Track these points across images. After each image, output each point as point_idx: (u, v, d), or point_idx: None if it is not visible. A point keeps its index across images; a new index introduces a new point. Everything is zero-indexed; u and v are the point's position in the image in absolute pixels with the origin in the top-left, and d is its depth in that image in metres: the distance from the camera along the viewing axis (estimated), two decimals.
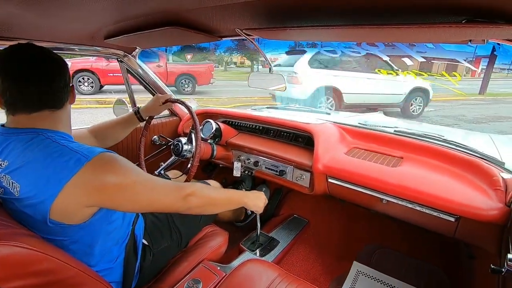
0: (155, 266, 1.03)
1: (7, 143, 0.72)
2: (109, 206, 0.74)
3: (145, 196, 0.76)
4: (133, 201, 0.75)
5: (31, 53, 0.73)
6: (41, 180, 0.66)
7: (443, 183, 1.08)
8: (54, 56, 0.77)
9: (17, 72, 0.70)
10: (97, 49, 1.46)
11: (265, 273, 0.99)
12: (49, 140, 0.71)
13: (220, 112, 1.90)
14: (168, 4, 0.76)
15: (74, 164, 0.66)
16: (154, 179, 0.81)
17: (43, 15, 0.83)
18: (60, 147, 0.70)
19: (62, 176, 0.65)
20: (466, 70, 12.20)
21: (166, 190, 0.81)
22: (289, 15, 0.83)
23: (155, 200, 0.78)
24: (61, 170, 0.66)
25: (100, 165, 0.69)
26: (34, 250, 0.60)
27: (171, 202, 0.81)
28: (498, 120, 6.80)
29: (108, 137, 1.23)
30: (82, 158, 0.67)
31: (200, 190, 0.87)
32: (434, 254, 1.49)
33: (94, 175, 0.67)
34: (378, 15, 0.73)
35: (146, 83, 1.78)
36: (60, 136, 0.75)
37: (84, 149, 0.71)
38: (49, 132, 0.74)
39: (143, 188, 0.75)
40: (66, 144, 0.71)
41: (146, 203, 0.78)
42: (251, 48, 16.72)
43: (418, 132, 1.40)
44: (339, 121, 1.62)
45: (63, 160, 0.67)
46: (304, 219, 1.83)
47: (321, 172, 1.29)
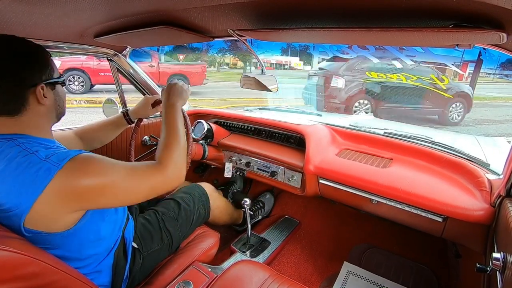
0: (145, 269, 1.02)
1: None
2: (94, 207, 0.72)
3: (127, 190, 0.73)
4: (116, 198, 0.72)
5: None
6: (12, 193, 0.63)
7: (431, 184, 1.10)
8: (13, 49, 0.68)
9: None
10: (86, 48, 1.44)
11: (256, 274, 0.99)
12: (18, 148, 0.66)
13: (212, 113, 1.89)
14: (160, 3, 0.75)
15: (44, 175, 0.62)
16: (130, 169, 0.75)
17: (29, 11, 0.81)
18: (29, 156, 0.65)
19: (34, 189, 0.62)
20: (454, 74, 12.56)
21: (145, 175, 0.77)
22: (281, 16, 0.83)
23: (140, 190, 0.75)
24: (32, 182, 0.62)
25: (72, 171, 0.64)
26: (20, 254, 0.59)
27: (155, 184, 0.78)
28: (485, 123, 6.98)
29: (95, 139, 1.19)
30: (52, 167, 0.63)
31: (171, 158, 0.82)
32: (423, 254, 1.51)
33: (67, 182, 0.64)
34: (368, 18, 0.74)
35: (137, 82, 1.76)
36: (32, 141, 0.70)
37: (54, 156, 0.65)
38: (20, 138, 0.69)
39: (123, 182, 0.72)
40: (36, 151, 0.66)
41: (132, 196, 0.75)
42: (243, 49, 16.74)
43: (407, 134, 1.43)
44: (330, 123, 1.63)
45: (32, 171, 0.63)
46: (295, 220, 1.83)
47: (312, 173, 1.30)
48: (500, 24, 0.61)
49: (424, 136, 1.40)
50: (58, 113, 0.81)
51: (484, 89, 12.08)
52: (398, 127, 1.64)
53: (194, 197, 1.26)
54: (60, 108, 0.81)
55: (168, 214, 1.13)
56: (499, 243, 0.79)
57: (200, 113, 1.91)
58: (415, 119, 6.25)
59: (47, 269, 0.63)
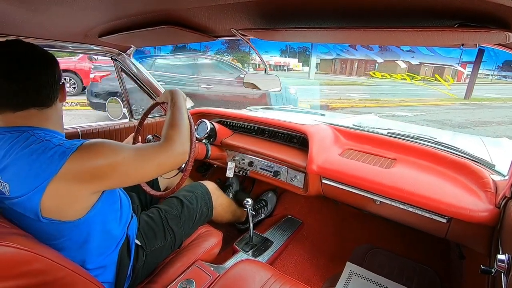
0: (148, 267, 1.03)
1: None
2: (108, 186, 0.76)
3: (137, 167, 0.77)
4: (127, 175, 0.76)
5: (15, 50, 0.72)
6: (29, 178, 0.66)
7: (435, 184, 1.10)
8: (41, 52, 0.76)
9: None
10: (90, 47, 1.45)
11: (258, 274, 0.99)
12: (33, 137, 0.71)
13: (215, 112, 1.89)
14: (163, 3, 0.75)
15: (60, 157, 0.66)
16: (139, 149, 0.80)
17: (35, 11, 0.82)
18: (43, 143, 0.69)
19: (50, 171, 0.65)
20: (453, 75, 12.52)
21: (152, 152, 0.81)
22: (284, 16, 0.83)
23: (149, 166, 0.79)
24: (48, 165, 0.66)
25: (86, 152, 0.69)
26: (26, 250, 0.59)
27: (162, 160, 0.82)
28: (482, 125, 6.85)
29: None
30: (67, 150, 0.68)
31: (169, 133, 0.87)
32: (426, 255, 1.50)
33: (82, 162, 0.68)
34: (373, 17, 0.74)
35: (140, 82, 1.77)
36: (47, 133, 0.74)
37: (67, 142, 0.71)
38: (35, 130, 0.73)
39: (133, 160, 0.76)
40: (50, 139, 0.71)
41: (142, 173, 0.79)
42: (241, 51, 16.82)
43: (411, 134, 1.42)
44: (333, 123, 1.63)
45: (48, 155, 0.67)
46: (298, 220, 1.83)
47: (315, 173, 1.30)
48: (506, 24, 0.60)
49: (428, 136, 1.39)
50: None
51: (482, 90, 11.98)
52: (402, 127, 1.63)
53: (197, 196, 1.27)
54: (62, 106, 0.85)
55: (171, 212, 1.14)
56: (504, 244, 0.78)
57: (203, 112, 1.92)
58: None
59: (52, 266, 0.64)
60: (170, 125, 0.91)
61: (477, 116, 7.70)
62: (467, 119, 7.19)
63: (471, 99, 10.44)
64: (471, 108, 8.85)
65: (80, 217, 0.73)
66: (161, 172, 0.84)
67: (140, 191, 1.27)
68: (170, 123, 0.92)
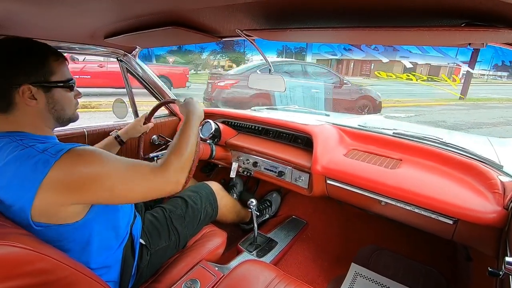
0: (153, 266, 1.03)
1: None
2: (91, 200, 0.71)
3: (124, 185, 0.72)
4: (113, 192, 0.71)
5: None
6: (15, 186, 0.64)
7: (442, 185, 1.08)
8: (6, 49, 0.70)
9: None
10: (96, 48, 1.46)
11: (262, 274, 0.99)
12: (16, 144, 0.68)
13: (219, 112, 1.90)
14: (169, 4, 0.76)
15: (43, 166, 0.63)
16: (131, 165, 0.75)
17: (42, 12, 0.83)
18: (27, 150, 0.66)
19: (33, 180, 0.63)
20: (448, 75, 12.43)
21: (145, 173, 0.76)
22: (289, 16, 0.83)
23: (137, 188, 0.74)
24: (31, 173, 0.63)
25: (70, 161, 0.66)
26: (29, 250, 0.60)
27: (153, 185, 0.77)
28: (477, 126, 6.58)
29: None
30: (50, 158, 0.64)
31: (177, 166, 0.81)
32: (432, 256, 1.49)
33: (65, 172, 0.64)
34: (378, 17, 0.73)
35: (146, 83, 1.78)
36: (29, 137, 0.72)
37: (52, 148, 0.67)
38: (16, 135, 0.71)
39: (121, 176, 0.71)
40: (33, 145, 0.68)
41: (128, 193, 0.73)
42: (236, 51, 16.96)
43: (417, 134, 1.41)
44: (338, 123, 1.62)
45: (31, 163, 0.64)
46: (302, 220, 1.83)
47: (320, 173, 1.29)
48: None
49: (434, 137, 1.37)
50: (56, 117, 0.79)
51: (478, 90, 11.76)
52: (407, 127, 1.61)
53: (202, 196, 1.27)
54: (56, 112, 0.78)
55: (175, 212, 1.15)
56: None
57: (207, 112, 1.92)
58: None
59: (57, 266, 0.65)
60: (174, 149, 0.85)
61: (472, 117, 7.43)
62: (462, 120, 7.01)
63: (466, 100, 10.33)
64: (466, 109, 8.65)
65: (78, 219, 0.72)
66: (148, 197, 0.78)
67: None
68: (176, 147, 0.86)
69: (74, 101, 0.84)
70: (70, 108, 0.82)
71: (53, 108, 0.77)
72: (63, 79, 0.77)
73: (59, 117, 0.79)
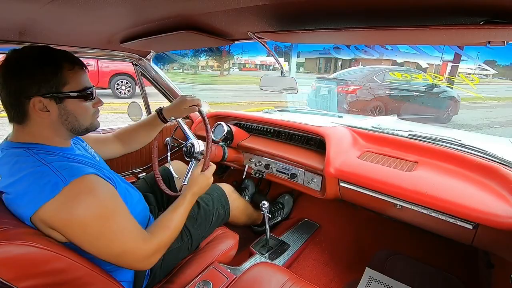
0: (166, 267, 1.04)
1: (0, 157, 0.73)
2: (70, 239, 0.69)
3: (111, 236, 0.71)
4: (96, 239, 0.70)
5: (8, 56, 0.70)
6: (24, 199, 0.66)
7: (461, 188, 1.05)
8: (21, 60, 0.69)
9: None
10: (112, 53, 1.50)
11: (274, 277, 0.98)
12: (32, 158, 0.69)
13: (231, 115, 1.91)
14: (182, 8, 0.77)
15: (51, 189, 0.64)
16: (126, 216, 0.76)
17: (62, 20, 0.86)
18: (42, 168, 0.67)
19: (39, 199, 0.64)
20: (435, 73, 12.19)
21: (132, 234, 0.76)
22: (301, 18, 0.82)
23: (115, 242, 0.72)
24: (39, 192, 0.64)
25: (73, 194, 0.66)
26: (47, 250, 0.62)
27: (132, 249, 0.76)
28: (459, 128, 6.21)
29: (133, 141, 1.20)
30: (60, 182, 0.65)
31: (163, 239, 0.83)
32: (450, 262, 1.44)
33: (63, 205, 0.64)
34: (393, 16, 0.72)
35: (160, 86, 1.82)
36: (46, 151, 0.73)
37: (66, 171, 0.67)
38: (33, 147, 0.72)
39: (113, 225, 0.71)
40: (51, 162, 0.69)
41: (103, 242, 0.71)
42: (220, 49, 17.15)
43: (434, 136, 1.37)
44: (351, 124, 1.60)
45: (43, 182, 0.65)
46: (315, 223, 1.81)
47: (333, 175, 1.28)
48: None
49: (452, 138, 1.33)
50: (70, 128, 0.77)
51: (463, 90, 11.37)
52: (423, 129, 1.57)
53: (214, 198, 1.28)
54: (69, 123, 0.76)
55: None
56: None
57: (220, 115, 1.94)
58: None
59: (72, 265, 0.66)
60: (168, 223, 0.88)
61: (454, 118, 6.99)
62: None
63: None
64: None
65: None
66: (119, 261, 0.75)
67: (157, 191, 1.30)
68: (170, 219, 0.89)
69: (92, 110, 0.81)
70: (86, 118, 0.79)
71: (66, 120, 0.75)
72: (78, 89, 0.75)
73: (73, 128, 0.78)
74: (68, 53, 0.76)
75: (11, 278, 0.57)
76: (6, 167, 0.70)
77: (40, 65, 0.70)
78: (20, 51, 0.71)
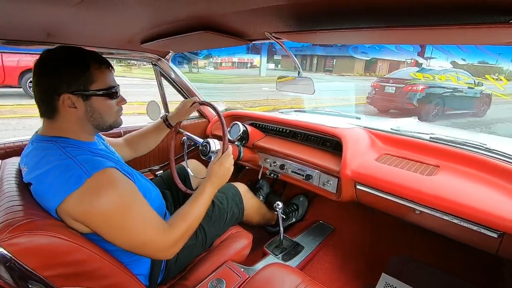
0: (180, 263, 1.06)
1: (29, 150, 0.79)
2: (92, 228, 0.71)
3: (128, 223, 0.73)
4: (115, 229, 0.72)
5: (42, 56, 0.75)
6: (50, 191, 0.69)
7: (485, 195, 1.00)
8: (52, 59, 0.74)
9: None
10: (132, 53, 1.55)
11: (288, 278, 0.98)
12: (59, 151, 0.73)
13: (247, 115, 1.91)
14: (201, 9, 0.78)
15: (75, 181, 0.67)
16: (146, 208, 0.78)
17: (87, 21, 0.90)
18: (68, 161, 0.71)
19: (64, 191, 0.67)
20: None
21: (153, 225, 0.78)
22: (319, 17, 0.82)
23: (135, 233, 0.74)
24: (64, 185, 0.67)
25: (95, 186, 0.68)
26: (69, 241, 0.65)
27: (157, 247, 0.78)
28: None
29: (140, 146, 1.26)
30: (83, 175, 0.68)
31: (182, 230, 0.84)
32: (472, 271, 1.37)
33: (85, 197, 0.67)
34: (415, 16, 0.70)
35: (178, 85, 1.85)
36: (72, 144, 0.77)
37: (88, 164, 0.70)
38: (61, 141, 0.76)
39: (133, 217, 0.73)
40: (76, 155, 0.72)
41: (125, 232, 0.73)
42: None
43: (457, 139, 1.31)
44: (370, 126, 1.56)
45: (68, 175, 0.68)
46: (330, 226, 1.78)
47: (349, 178, 1.25)
48: None
49: (477, 142, 1.27)
50: (95, 125, 0.82)
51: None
52: (446, 131, 1.50)
53: (228, 196, 1.29)
54: (95, 120, 0.81)
55: None
56: None
57: (236, 115, 1.95)
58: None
59: (92, 257, 0.69)
60: (187, 214, 0.88)
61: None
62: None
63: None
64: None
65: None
66: (140, 251, 0.77)
67: (173, 189, 1.33)
68: (189, 211, 0.89)
69: (116, 108, 0.85)
70: (110, 115, 0.84)
71: (92, 116, 0.80)
72: (104, 87, 0.79)
73: (98, 124, 0.82)
74: (96, 53, 0.81)
75: (36, 267, 0.60)
76: (35, 159, 0.75)
77: (70, 65, 0.75)
78: (52, 51, 0.76)
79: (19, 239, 0.58)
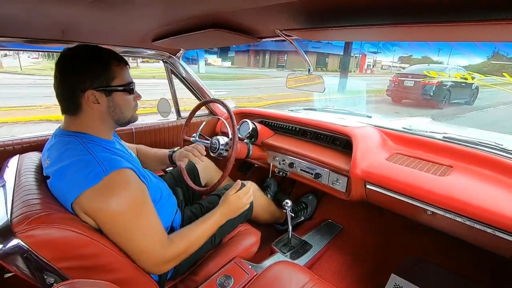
0: (189, 259, 1.07)
1: (52, 144, 0.81)
2: (98, 224, 0.74)
3: (130, 228, 0.74)
4: (118, 230, 0.74)
5: (63, 54, 0.78)
6: (68, 185, 0.71)
7: (500, 196, 0.97)
8: (73, 57, 0.77)
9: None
10: (143, 51, 1.57)
11: (295, 276, 0.98)
12: (81, 147, 0.76)
13: (257, 112, 1.91)
14: (211, 6, 0.78)
15: (93, 177, 0.70)
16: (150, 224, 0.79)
17: (101, 20, 0.91)
18: (88, 157, 0.73)
19: (81, 186, 0.69)
20: (354, 67, 11.83)
21: (154, 237, 0.79)
22: (330, 14, 0.81)
23: (135, 240, 0.76)
24: (83, 180, 0.70)
25: (111, 185, 0.71)
26: (83, 235, 0.66)
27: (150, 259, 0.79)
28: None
29: (144, 163, 1.26)
30: (101, 172, 0.70)
31: (179, 250, 0.85)
32: (485, 274, 1.34)
33: (100, 194, 0.70)
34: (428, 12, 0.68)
35: (188, 83, 1.86)
36: (93, 140, 0.80)
37: (107, 162, 0.73)
38: (82, 137, 0.79)
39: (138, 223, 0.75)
40: (96, 152, 0.75)
41: (126, 236, 0.75)
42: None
43: (472, 139, 1.28)
44: (381, 125, 1.54)
45: (87, 171, 0.71)
46: (338, 225, 1.77)
47: (359, 177, 1.24)
48: None
49: (493, 142, 1.23)
50: (116, 119, 0.86)
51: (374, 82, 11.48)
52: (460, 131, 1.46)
53: None
54: (116, 115, 0.84)
55: (212, 208, 1.18)
56: None
57: (245, 112, 1.95)
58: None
59: (104, 251, 0.71)
60: (190, 235, 0.90)
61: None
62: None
63: (346, 92, 10.02)
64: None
65: None
66: (137, 257, 0.77)
67: (183, 186, 1.34)
68: (192, 233, 0.91)
69: (133, 103, 0.89)
70: (129, 110, 0.87)
71: (113, 111, 0.83)
72: (123, 83, 0.83)
73: (118, 119, 0.86)
74: (113, 51, 0.84)
75: (51, 258, 0.62)
76: (57, 153, 0.78)
77: (93, 61, 0.78)
78: (73, 49, 0.78)
79: (35, 231, 0.60)
